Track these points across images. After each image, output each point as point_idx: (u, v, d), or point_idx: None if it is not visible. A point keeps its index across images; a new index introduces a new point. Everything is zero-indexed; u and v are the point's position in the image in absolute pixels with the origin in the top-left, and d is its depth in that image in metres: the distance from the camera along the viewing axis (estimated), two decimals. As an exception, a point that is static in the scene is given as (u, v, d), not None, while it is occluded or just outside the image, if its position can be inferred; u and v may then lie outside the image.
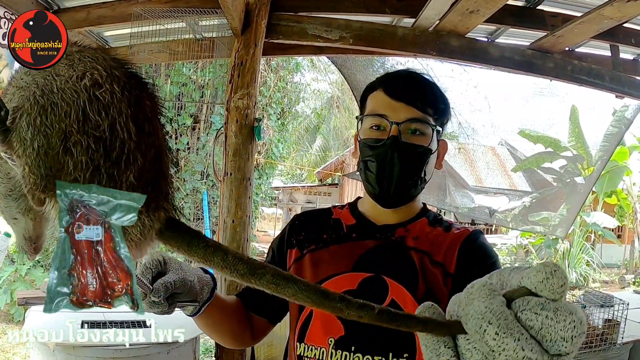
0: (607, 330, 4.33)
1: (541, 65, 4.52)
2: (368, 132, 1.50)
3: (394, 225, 1.54)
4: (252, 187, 3.98)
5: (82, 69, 0.77)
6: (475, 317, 0.58)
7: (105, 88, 0.75)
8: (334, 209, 1.69)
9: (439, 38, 4.32)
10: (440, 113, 1.52)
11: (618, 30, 4.28)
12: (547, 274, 0.58)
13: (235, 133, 3.91)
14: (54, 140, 0.73)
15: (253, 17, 4.00)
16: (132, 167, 0.75)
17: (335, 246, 1.54)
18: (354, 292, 1.43)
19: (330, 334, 1.42)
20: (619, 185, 16.11)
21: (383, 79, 1.56)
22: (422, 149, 1.46)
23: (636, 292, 7.64)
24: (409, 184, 1.48)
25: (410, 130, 1.45)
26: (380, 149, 1.45)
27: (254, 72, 3.98)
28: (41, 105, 0.74)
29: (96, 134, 0.73)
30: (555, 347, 0.57)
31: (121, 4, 4.15)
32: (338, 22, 4.25)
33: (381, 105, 1.48)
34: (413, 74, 1.58)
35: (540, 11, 4.27)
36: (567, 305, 0.58)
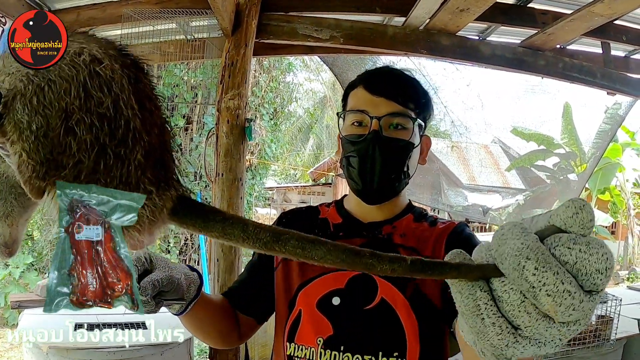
0: (601, 326, 4.33)
1: (532, 63, 4.52)
2: (349, 129, 1.50)
3: (381, 223, 1.54)
4: (244, 188, 3.97)
5: (77, 46, 0.73)
6: (512, 255, 0.57)
7: (105, 64, 0.71)
8: (321, 208, 1.68)
9: (430, 37, 4.32)
10: (422, 108, 1.52)
11: (609, 27, 4.28)
12: (576, 209, 0.58)
13: (226, 133, 3.90)
14: (54, 120, 0.67)
15: (243, 17, 3.99)
16: (139, 145, 0.71)
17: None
18: (342, 291, 1.44)
19: (319, 334, 1.42)
20: (612, 181, 16.17)
21: (363, 76, 1.56)
22: (404, 143, 1.46)
23: (630, 288, 7.65)
24: (392, 178, 1.47)
25: (391, 124, 1.46)
26: (361, 144, 1.45)
27: (244, 73, 3.97)
28: (36, 84, 0.69)
29: (100, 111, 0.68)
30: (590, 280, 0.56)
31: (111, 5, 4.13)
32: (328, 21, 4.24)
33: (362, 101, 1.49)
34: (393, 70, 1.58)
35: (531, 9, 4.27)
36: (596, 239, 0.58)
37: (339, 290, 1.45)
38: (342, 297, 1.44)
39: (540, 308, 0.56)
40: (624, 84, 4.76)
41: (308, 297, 1.47)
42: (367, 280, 1.44)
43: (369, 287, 1.43)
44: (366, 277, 1.44)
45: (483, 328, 0.59)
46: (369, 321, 1.40)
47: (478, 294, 0.60)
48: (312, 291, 1.47)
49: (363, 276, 1.43)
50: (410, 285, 1.41)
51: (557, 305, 0.55)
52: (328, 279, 1.47)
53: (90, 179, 0.67)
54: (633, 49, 4.90)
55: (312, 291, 1.47)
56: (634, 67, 5.04)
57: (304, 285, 1.49)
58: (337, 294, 1.45)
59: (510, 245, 0.57)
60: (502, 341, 0.59)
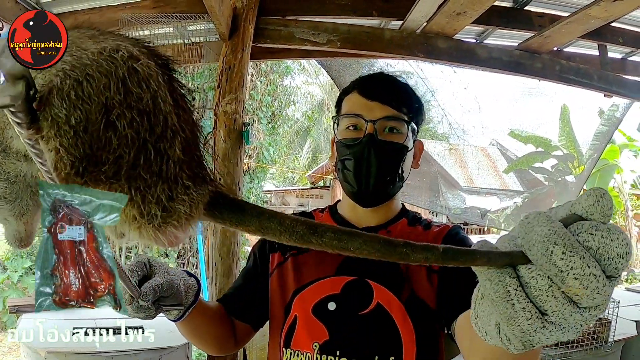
0: (599, 328, 4.33)
1: (529, 66, 4.53)
2: (344, 133, 1.53)
3: (375, 227, 1.56)
4: (241, 192, 3.97)
5: (113, 42, 0.73)
6: (540, 241, 0.59)
7: (142, 61, 0.72)
8: (314, 213, 1.70)
9: (427, 40, 4.33)
10: (415, 112, 1.55)
11: (605, 29, 4.30)
12: (597, 197, 0.61)
13: (224, 138, 3.90)
14: (94, 115, 0.67)
15: (240, 21, 3.99)
16: (177, 141, 0.72)
17: (317, 250, 1.54)
18: (337, 296, 1.46)
19: (314, 339, 1.43)
20: (610, 183, 16.17)
21: (357, 82, 1.59)
22: (399, 146, 1.49)
23: (628, 289, 7.65)
24: (387, 181, 1.50)
25: (386, 128, 1.49)
26: (357, 147, 1.47)
27: (242, 77, 3.97)
28: (74, 79, 0.68)
29: (139, 106, 0.69)
30: (612, 264, 0.59)
31: (109, 9, 4.13)
32: (325, 25, 4.25)
33: (357, 105, 1.52)
34: (387, 76, 1.61)
35: (528, 12, 4.28)
36: (616, 225, 0.61)
37: (334, 295, 1.46)
38: (338, 302, 1.45)
39: (566, 292, 0.59)
40: (621, 86, 4.77)
41: (304, 302, 1.48)
42: (363, 286, 1.45)
43: (365, 292, 1.44)
44: (362, 282, 1.45)
45: (513, 313, 0.61)
46: (364, 326, 1.41)
47: (507, 280, 0.62)
48: (308, 296, 1.48)
49: (359, 281, 1.45)
50: (406, 289, 1.43)
51: (584, 288, 0.57)
52: (324, 284, 1.48)
53: (130, 174, 0.68)
54: (630, 51, 4.90)
55: (308, 296, 1.48)
56: (630, 69, 5.04)
57: (299, 290, 1.50)
58: (332, 299, 1.46)
59: (538, 232, 0.60)
60: (532, 326, 0.61)
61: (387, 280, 1.45)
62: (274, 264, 1.58)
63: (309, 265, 1.53)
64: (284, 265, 1.56)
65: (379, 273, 1.46)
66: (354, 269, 1.48)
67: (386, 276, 1.45)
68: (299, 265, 1.54)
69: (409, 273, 1.45)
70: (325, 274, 1.49)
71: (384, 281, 1.45)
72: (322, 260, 1.52)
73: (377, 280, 1.45)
